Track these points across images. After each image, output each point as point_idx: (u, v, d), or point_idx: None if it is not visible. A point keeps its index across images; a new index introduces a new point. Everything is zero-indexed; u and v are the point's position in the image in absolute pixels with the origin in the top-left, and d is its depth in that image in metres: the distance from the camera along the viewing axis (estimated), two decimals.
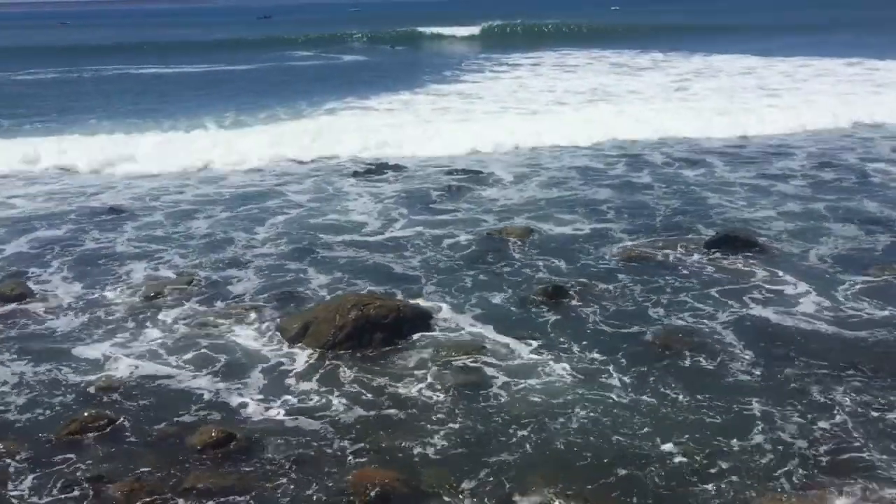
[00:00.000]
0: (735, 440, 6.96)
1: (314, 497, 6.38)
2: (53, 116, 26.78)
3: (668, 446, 6.88)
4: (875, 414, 7.36)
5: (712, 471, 6.52)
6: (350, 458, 6.90)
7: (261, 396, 8.00)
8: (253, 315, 9.98)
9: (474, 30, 63.06)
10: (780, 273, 11.00)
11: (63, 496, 6.42)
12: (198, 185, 17.36)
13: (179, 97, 31.64)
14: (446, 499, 6.32)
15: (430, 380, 8.25)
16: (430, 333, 9.35)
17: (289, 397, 7.98)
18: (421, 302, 10.14)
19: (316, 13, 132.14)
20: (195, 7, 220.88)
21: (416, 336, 9.24)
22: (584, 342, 9.03)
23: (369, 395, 7.97)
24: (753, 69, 37.43)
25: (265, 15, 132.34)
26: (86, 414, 7.50)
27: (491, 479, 6.55)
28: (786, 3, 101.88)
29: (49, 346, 9.23)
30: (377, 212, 14.77)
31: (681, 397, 7.72)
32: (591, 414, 7.47)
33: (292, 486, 6.52)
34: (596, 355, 8.69)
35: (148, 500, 6.34)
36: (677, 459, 6.70)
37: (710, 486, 6.33)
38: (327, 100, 29.32)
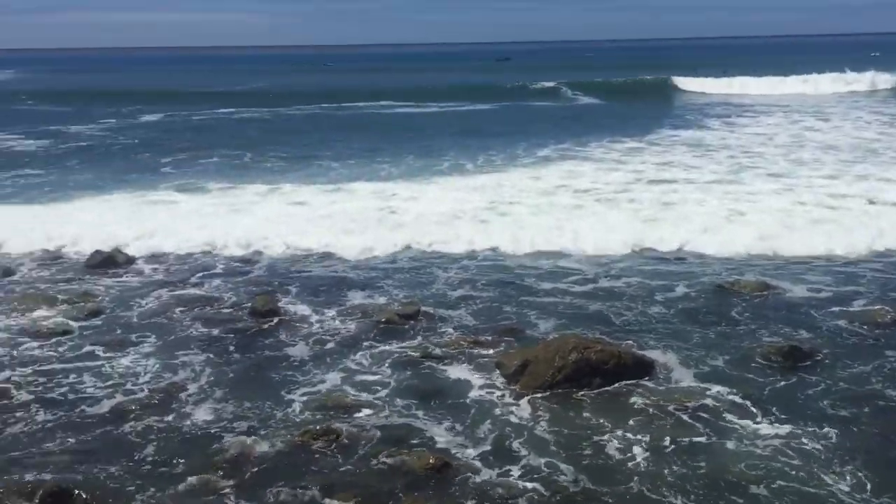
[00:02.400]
0: None
1: None
2: (290, 152, 28.69)
3: None
4: None
5: None
6: (556, 499, 6.89)
7: (478, 429, 8.20)
8: (474, 349, 10.27)
9: (724, 81, 58.98)
10: None
11: (288, 499, 6.97)
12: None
13: (413, 136, 32.92)
14: None
15: (642, 431, 8.05)
16: (649, 384, 9.12)
17: (504, 434, 8.10)
18: (642, 351, 9.92)
19: (553, 58, 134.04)
20: (437, 51, 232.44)
21: (634, 385, 9.06)
22: (817, 416, 8.36)
23: (580, 440, 7.92)
24: None
25: (505, 57, 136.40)
26: (317, 427, 8.09)
27: None
28: None
29: (291, 360, 10.07)
30: (594, 255, 14.63)
31: None
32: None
33: None
34: (828, 435, 7.96)
35: None
36: None
37: None
38: (547, 143, 28.79)
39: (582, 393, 8.93)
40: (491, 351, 10.17)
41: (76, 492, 6.99)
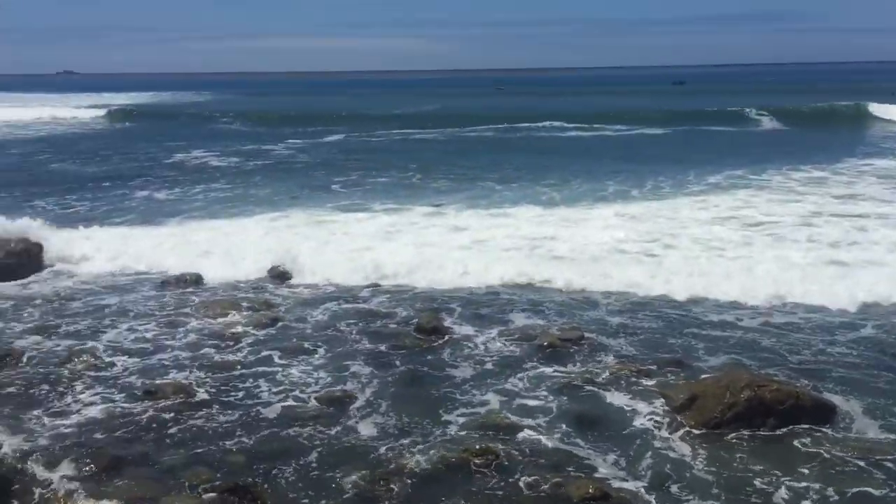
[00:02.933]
0: None
1: None
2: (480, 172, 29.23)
3: None
4: None
5: None
6: None
7: (640, 462, 7.99)
8: (637, 378, 10.02)
9: None
10: None
11: None
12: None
13: (580, 159, 32.46)
14: None
15: (816, 481, 7.53)
16: (828, 430, 8.53)
17: (667, 469, 7.84)
18: (822, 394, 9.29)
19: (732, 82, 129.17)
20: (612, 74, 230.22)
21: (810, 430, 8.50)
22: None
23: (747, 484, 7.53)
24: None
25: (680, 80, 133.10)
26: (477, 447, 8.15)
27: None
28: None
29: (453, 378, 10.21)
30: (769, 288, 13.73)
31: None
32: None
33: None
34: None
35: None
36: None
37: None
38: (721, 169, 27.40)
39: (752, 433, 8.47)
40: (654, 381, 9.88)
41: (250, 491, 7.38)
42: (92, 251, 16.63)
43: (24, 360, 10.83)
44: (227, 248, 16.75)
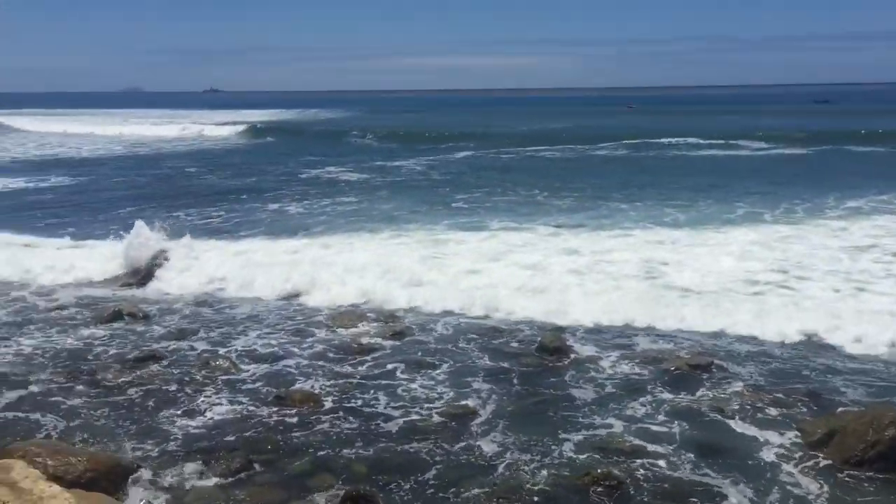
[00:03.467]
0: None
1: None
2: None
3: None
4: None
5: None
6: None
7: (770, 496, 7.63)
8: (768, 408, 9.60)
9: None
10: None
11: None
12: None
13: (712, 179, 31.31)
14: None
15: None
16: None
17: None
18: None
19: (882, 101, 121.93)
20: (748, 93, 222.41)
21: None
22: None
23: None
24: None
25: (823, 99, 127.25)
26: (599, 471, 7.98)
27: None
28: None
29: (574, 400, 10.08)
30: None
31: None
32: None
33: None
34: None
35: None
36: None
37: None
38: (864, 193, 25.56)
39: None
40: (787, 412, 9.45)
41: (371, 500, 7.47)
42: (219, 261, 17.26)
43: (165, 362, 11.46)
44: (345, 262, 17.02)
